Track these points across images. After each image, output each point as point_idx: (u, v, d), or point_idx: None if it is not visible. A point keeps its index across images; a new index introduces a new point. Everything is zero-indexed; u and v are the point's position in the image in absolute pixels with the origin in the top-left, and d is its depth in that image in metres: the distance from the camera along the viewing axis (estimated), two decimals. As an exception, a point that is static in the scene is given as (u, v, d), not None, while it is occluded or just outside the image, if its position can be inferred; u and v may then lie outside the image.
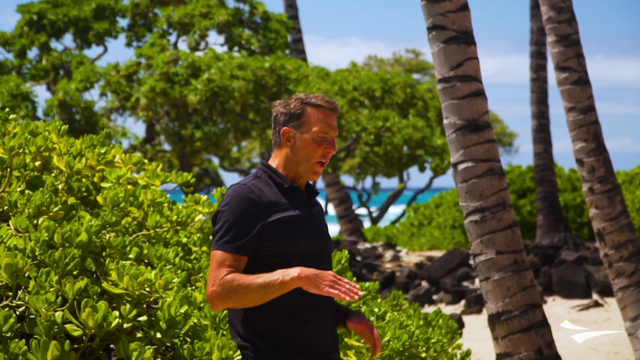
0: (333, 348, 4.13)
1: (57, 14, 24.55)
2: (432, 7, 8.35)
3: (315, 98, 4.11)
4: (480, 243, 8.24)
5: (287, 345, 4.01)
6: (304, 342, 4.03)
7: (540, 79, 22.74)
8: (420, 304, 16.43)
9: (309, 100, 4.11)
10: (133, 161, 6.27)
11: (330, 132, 4.09)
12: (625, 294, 10.06)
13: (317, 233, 4.10)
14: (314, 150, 4.08)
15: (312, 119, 4.09)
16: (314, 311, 4.04)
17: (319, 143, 4.08)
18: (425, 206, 29.70)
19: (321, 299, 4.07)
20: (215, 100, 21.92)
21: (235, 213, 3.98)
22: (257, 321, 4.02)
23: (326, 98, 4.13)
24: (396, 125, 22.70)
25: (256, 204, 3.99)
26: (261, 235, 3.99)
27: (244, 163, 43.18)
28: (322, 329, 4.07)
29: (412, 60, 47.27)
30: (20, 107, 22.37)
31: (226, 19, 23.96)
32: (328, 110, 4.11)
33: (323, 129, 4.08)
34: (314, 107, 4.10)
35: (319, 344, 4.06)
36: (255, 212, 3.98)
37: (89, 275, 5.17)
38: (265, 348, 4.00)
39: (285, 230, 4.01)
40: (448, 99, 8.34)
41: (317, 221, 4.13)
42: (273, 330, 4.01)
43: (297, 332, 4.01)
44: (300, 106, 4.11)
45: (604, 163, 10.28)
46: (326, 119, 4.09)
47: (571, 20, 10.56)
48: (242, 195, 4.00)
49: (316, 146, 4.08)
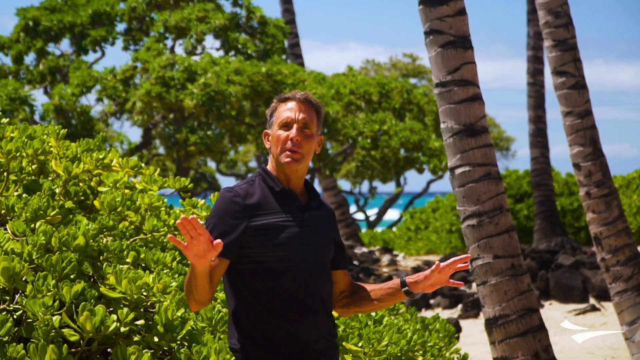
0: (327, 353, 4.10)
1: (53, 20, 24.49)
2: (429, 12, 8.35)
3: (287, 94, 4.16)
4: (478, 247, 8.24)
5: (274, 348, 4.00)
6: (293, 347, 4.01)
7: (537, 83, 22.76)
8: (418, 308, 16.43)
9: (280, 97, 4.16)
10: (130, 165, 6.26)
11: (291, 119, 4.10)
12: (622, 298, 10.07)
13: (308, 239, 4.06)
14: (278, 138, 4.10)
15: (279, 113, 4.13)
16: (302, 317, 4.02)
17: (285, 128, 4.10)
18: (422, 210, 29.70)
19: (310, 306, 4.05)
20: (212, 105, 21.91)
21: (217, 216, 4.01)
22: (246, 324, 4.02)
23: (297, 91, 4.16)
24: (393, 128, 22.70)
25: (240, 208, 4.00)
26: (245, 240, 3.99)
27: (240, 167, 43.17)
28: (312, 334, 4.04)
29: (409, 65, 47.30)
30: (19, 111, 22.35)
31: (223, 23, 23.95)
32: (294, 101, 4.12)
33: (286, 118, 4.10)
34: (281, 102, 4.15)
35: (309, 348, 4.04)
36: (237, 215, 3.99)
37: (86, 279, 5.16)
38: (253, 350, 4.00)
39: (267, 236, 4.00)
40: (445, 104, 8.34)
41: (312, 227, 4.09)
42: (261, 333, 4.00)
43: (284, 335, 4.00)
44: (273, 105, 4.17)
45: (601, 167, 10.29)
46: (291, 108, 4.12)
47: (568, 24, 10.57)
48: (227, 199, 4.03)
49: (279, 135, 4.09)
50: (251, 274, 3.99)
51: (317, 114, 4.15)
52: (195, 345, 5.00)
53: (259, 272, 3.99)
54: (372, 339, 5.86)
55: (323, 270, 4.12)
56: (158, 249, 5.70)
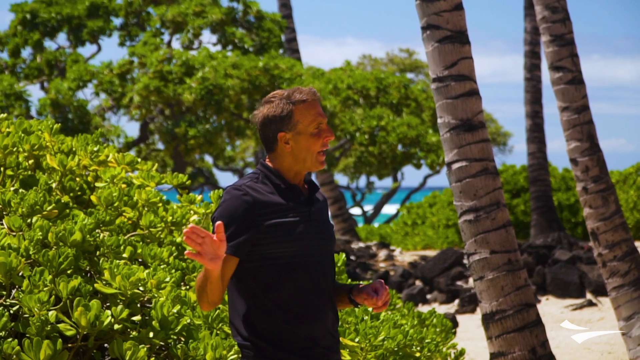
0: (333, 348, 4.13)
1: (50, 12, 24.48)
2: (426, 7, 8.34)
3: (299, 94, 4.12)
4: (474, 242, 8.24)
5: (285, 345, 4.02)
6: (303, 343, 4.03)
7: (534, 78, 22.76)
8: (414, 303, 16.42)
9: (294, 99, 4.11)
10: (126, 161, 6.26)
11: (323, 121, 4.12)
12: (619, 293, 10.07)
13: (317, 233, 4.08)
14: (314, 143, 4.10)
15: (303, 116, 4.10)
16: (312, 312, 4.04)
17: (318, 135, 4.11)
18: (418, 205, 29.71)
19: (320, 301, 4.07)
20: (210, 99, 21.89)
21: (228, 215, 3.99)
22: (257, 321, 4.02)
23: (305, 89, 4.15)
24: (390, 124, 22.68)
25: (250, 207, 4.00)
26: (257, 238, 3.99)
27: (238, 162, 43.15)
28: (321, 330, 4.06)
29: (406, 60, 47.28)
30: (14, 107, 22.33)
31: (220, 17, 23.93)
32: (313, 101, 4.13)
33: (317, 122, 4.11)
34: (300, 104, 4.12)
35: (318, 345, 4.06)
36: (248, 215, 3.99)
37: (82, 274, 5.16)
38: (265, 347, 4.01)
39: (282, 232, 4.00)
40: (442, 99, 8.33)
41: (318, 220, 4.12)
42: (272, 330, 4.01)
43: (295, 332, 4.01)
44: (288, 107, 4.11)
45: (598, 162, 10.29)
46: (314, 110, 4.12)
47: (565, 19, 10.57)
48: (235, 197, 4.01)
49: (316, 139, 4.10)
50: (262, 271, 4.00)
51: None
52: (191, 341, 5.00)
53: (272, 268, 4.00)
54: (369, 334, 5.86)
55: (330, 264, 4.16)
56: (155, 245, 5.70)
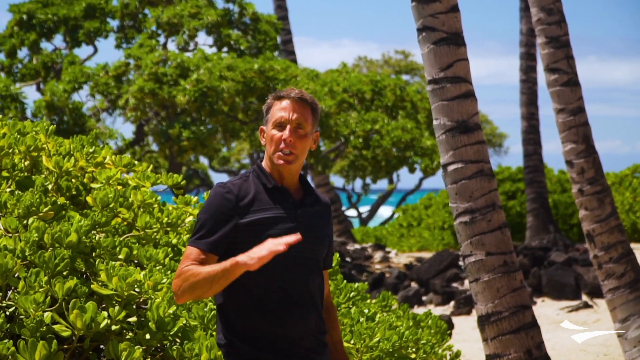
0: (317, 351, 4.10)
1: (47, 13, 24.47)
2: (422, 9, 8.35)
3: (283, 91, 4.13)
4: (470, 244, 8.24)
5: (260, 343, 4.00)
6: (281, 342, 4.01)
7: (530, 80, 22.79)
8: (410, 304, 16.44)
9: (276, 95, 4.13)
10: (123, 163, 6.26)
11: (285, 120, 4.08)
12: (614, 295, 10.08)
13: (302, 235, 4.04)
14: (272, 138, 4.09)
15: (274, 111, 4.12)
16: (291, 313, 4.02)
17: (278, 131, 4.09)
18: (414, 207, 29.72)
19: (300, 302, 4.04)
20: (204, 101, 21.88)
21: (208, 211, 4.02)
22: (232, 319, 4.02)
23: (295, 90, 4.13)
24: (385, 127, 22.67)
25: (231, 204, 4.01)
26: (234, 235, 3.99)
27: (233, 164, 43.13)
28: (301, 331, 4.04)
29: (402, 62, 47.30)
30: (10, 108, 22.31)
31: (215, 19, 23.92)
32: (288, 100, 4.11)
33: (280, 117, 4.09)
34: (276, 99, 4.13)
35: (298, 346, 4.04)
36: (228, 212, 4.00)
37: (78, 275, 5.15)
38: (238, 345, 4.01)
39: (260, 230, 3.99)
40: (438, 100, 8.34)
41: (305, 222, 4.08)
42: (246, 328, 4.00)
43: (272, 332, 4.00)
44: (269, 102, 4.14)
45: (594, 164, 10.30)
46: (285, 107, 4.10)
47: (561, 21, 10.58)
48: (218, 194, 4.04)
49: (273, 135, 4.09)
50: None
51: (312, 112, 4.14)
52: (187, 342, 5.00)
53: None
54: (364, 335, 5.86)
55: (314, 266, 4.11)
56: (151, 246, 5.70)
